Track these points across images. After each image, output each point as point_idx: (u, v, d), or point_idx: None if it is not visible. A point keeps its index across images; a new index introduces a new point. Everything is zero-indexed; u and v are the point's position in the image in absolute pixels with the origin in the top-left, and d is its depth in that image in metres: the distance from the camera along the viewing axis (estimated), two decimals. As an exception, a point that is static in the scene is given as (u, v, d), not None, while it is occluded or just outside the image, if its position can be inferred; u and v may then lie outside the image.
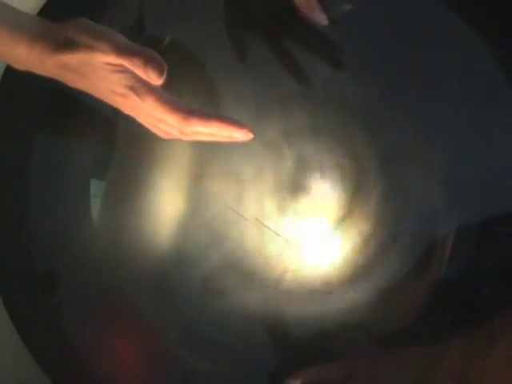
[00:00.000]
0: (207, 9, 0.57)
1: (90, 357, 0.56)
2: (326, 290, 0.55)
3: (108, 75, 0.42)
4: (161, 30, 0.57)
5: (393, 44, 0.56)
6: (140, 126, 0.47)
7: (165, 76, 0.40)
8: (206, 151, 0.56)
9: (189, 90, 0.56)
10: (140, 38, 0.56)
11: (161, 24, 0.58)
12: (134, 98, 0.43)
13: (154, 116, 0.45)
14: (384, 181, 0.56)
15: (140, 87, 0.42)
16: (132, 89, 0.42)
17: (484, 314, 0.50)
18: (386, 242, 0.55)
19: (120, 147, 0.58)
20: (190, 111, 0.44)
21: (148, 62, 0.39)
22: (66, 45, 0.41)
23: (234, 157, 0.57)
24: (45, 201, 0.57)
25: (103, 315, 0.57)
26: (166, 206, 0.57)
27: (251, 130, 0.46)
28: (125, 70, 0.42)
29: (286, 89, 0.57)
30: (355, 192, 0.56)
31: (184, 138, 0.47)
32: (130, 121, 0.47)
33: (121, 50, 0.40)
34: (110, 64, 0.41)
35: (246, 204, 0.56)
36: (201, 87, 0.57)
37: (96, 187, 0.58)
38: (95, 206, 0.57)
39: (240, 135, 0.46)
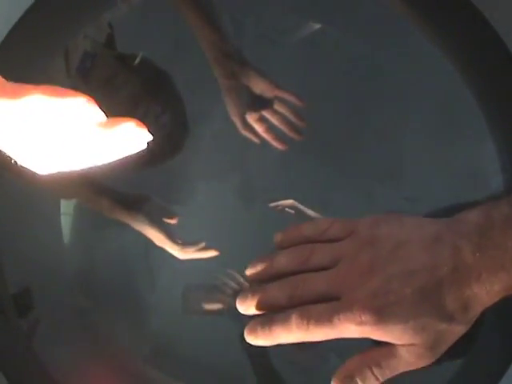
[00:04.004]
0: (178, 27, 0.57)
1: (66, 378, 0.55)
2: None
3: None
4: (132, 48, 0.57)
5: (362, 61, 0.58)
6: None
7: None
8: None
9: (159, 107, 0.56)
10: (112, 55, 0.57)
11: (132, 41, 0.58)
12: None
13: None
14: (352, 196, 0.56)
15: None
16: None
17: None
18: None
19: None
20: None
21: None
22: None
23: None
24: (15, 219, 0.56)
25: (77, 335, 0.56)
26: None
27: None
28: None
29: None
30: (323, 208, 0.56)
31: None
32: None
33: None
34: None
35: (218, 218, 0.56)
36: (171, 104, 0.57)
37: (66, 205, 0.57)
38: (66, 223, 0.56)
39: None
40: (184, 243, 0.54)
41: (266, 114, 0.56)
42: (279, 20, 0.59)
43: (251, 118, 0.56)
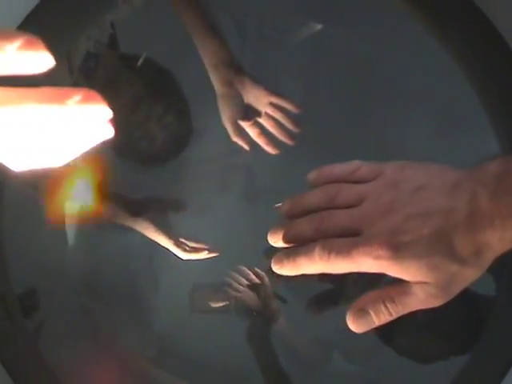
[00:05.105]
0: (180, 28, 0.57)
1: (71, 378, 0.55)
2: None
3: None
4: (135, 49, 0.57)
5: (364, 60, 0.58)
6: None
7: None
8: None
9: (162, 107, 0.56)
10: (115, 56, 0.57)
11: (135, 42, 0.58)
12: None
13: None
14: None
15: None
16: None
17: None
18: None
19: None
20: None
21: None
22: None
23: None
24: (20, 221, 0.56)
25: (82, 336, 0.56)
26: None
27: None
28: None
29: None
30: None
31: None
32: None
33: None
34: None
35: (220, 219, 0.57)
36: (174, 105, 0.58)
37: (71, 208, 0.57)
38: (70, 226, 0.56)
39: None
40: (188, 244, 0.55)
41: (260, 119, 0.57)
42: (281, 20, 0.59)
43: (244, 124, 0.57)
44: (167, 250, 0.55)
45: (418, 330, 0.55)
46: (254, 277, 0.55)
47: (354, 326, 0.41)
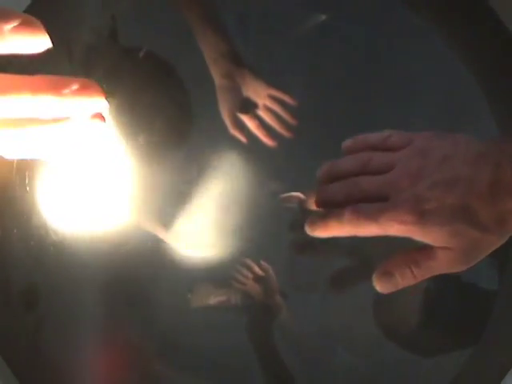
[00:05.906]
0: (182, 20, 0.57)
1: (72, 373, 0.55)
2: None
3: None
4: (136, 41, 0.57)
5: (365, 56, 0.58)
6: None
7: None
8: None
9: (163, 100, 0.56)
10: (116, 49, 0.57)
11: (136, 34, 0.58)
12: None
13: None
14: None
15: None
16: None
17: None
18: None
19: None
20: None
21: None
22: None
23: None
24: (20, 219, 0.56)
25: (83, 330, 0.56)
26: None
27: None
28: None
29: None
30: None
31: None
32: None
33: None
34: None
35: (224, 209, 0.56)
36: (175, 98, 0.57)
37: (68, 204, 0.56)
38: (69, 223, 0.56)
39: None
40: (188, 239, 0.55)
41: (259, 112, 0.58)
42: (283, 13, 0.59)
43: (243, 117, 0.58)
44: (168, 244, 0.55)
45: (420, 326, 0.55)
46: (257, 269, 0.55)
47: (380, 287, 0.43)
